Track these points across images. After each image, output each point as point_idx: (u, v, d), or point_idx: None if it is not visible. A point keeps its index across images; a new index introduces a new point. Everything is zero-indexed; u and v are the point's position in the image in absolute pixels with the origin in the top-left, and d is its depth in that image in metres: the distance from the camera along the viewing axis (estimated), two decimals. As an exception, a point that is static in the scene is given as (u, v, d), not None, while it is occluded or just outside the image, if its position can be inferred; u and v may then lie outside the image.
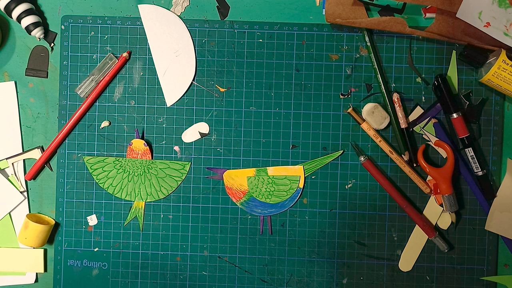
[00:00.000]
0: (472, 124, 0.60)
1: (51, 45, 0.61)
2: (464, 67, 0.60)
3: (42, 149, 0.61)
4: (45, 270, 0.61)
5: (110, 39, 0.61)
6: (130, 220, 0.61)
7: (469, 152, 0.59)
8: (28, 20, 0.59)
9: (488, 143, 0.60)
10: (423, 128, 0.60)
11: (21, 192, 0.61)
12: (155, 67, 0.61)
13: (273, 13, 0.61)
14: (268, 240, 0.61)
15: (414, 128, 0.61)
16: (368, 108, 0.59)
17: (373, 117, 0.59)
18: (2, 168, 0.61)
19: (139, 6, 0.61)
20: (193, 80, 0.61)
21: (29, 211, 0.62)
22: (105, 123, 0.61)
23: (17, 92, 0.61)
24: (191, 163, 0.61)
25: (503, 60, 0.55)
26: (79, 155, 0.61)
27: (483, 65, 0.58)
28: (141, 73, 0.61)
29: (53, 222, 0.61)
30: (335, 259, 0.61)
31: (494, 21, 0.55)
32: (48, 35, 0.61)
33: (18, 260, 0.61)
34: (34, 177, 0.61)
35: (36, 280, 0.62)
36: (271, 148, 0.61)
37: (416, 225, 0.60)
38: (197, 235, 0.61)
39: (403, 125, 0.59)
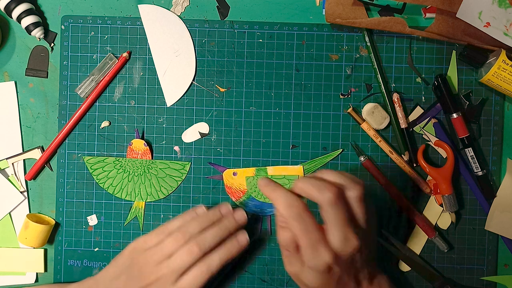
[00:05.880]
0: (472, 124, 0.60)
1: (51, 45, 0.61)
2: (464, 67, 0.60)
3: (42, 149, 0.61)
4: (45, 270, 0.61)
5: (110, 39, 0.61)
6: (130, 220, 0.61)
7: (469, 152, 0.59)
8: (28, 20, 0.59)
9: (488, 143, 0.60)
10: (423, 128, 0.60)
11: (21, 192, 0.61)
12: (155, 67, 0.61)
13: (273, 13, 0.61)
14: (268, 240, 0.61)
15: (414, 128, 0.60)
16: (368, 108, 0.59)
17: (373, 117, 0.59)
18: (2, 168, 0.61)
19: (139, 6, 0.61)
20: (193, 80, 0.61)
21: (29, 211, 0.62)
22: (105, 123, 0.61)
23: (17, 92, 0.61)
24: (191, 163, 0.61)
25: (503, 60, 0.55)
26: (79, 155, 0.61)
27: (483, 65, 0.58)
28: (141, 73, 0.61)
29: (53, 222, 0.61)
30: (335, 259, 0.61)
31: (494, 21, 0.55)
32: (48, 35, 0.61)
33: (18, 260, 0.61)
34: (34, 177, 0.61)
35: (37, 280, 0.62)
36: (271, 148, 0.61)
37: (416, 225, 0.60)
38: (197, 235, 0.61)
39: (403, 125, 0.59)
